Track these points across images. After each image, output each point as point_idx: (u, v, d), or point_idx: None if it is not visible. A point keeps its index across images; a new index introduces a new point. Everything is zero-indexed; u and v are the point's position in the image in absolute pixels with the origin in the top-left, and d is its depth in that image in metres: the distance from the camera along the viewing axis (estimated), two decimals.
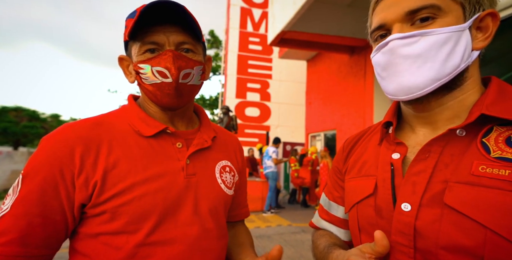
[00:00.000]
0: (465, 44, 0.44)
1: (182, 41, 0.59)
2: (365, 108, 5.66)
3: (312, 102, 7.63)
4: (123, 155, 0.56)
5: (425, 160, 0.46)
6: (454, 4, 0.44)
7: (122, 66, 0.65)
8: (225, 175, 0.69)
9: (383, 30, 0.49)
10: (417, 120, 0.52)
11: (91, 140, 0.55)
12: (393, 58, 0.46)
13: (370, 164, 0.55)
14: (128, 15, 0.60)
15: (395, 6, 0.46)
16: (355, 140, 0.64)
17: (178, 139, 0.63)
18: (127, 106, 0.65)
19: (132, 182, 0.55)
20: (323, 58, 7.09)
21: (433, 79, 0.44)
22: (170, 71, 0.57)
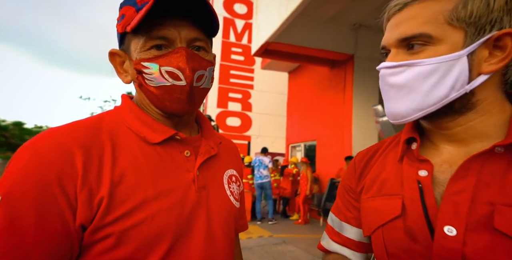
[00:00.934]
0: (457, 73, 0.41)
1: (194, 37, 0.51)
2: (344, 120, 5.80)
3: (293, 113, 7.72)
4: (129, 166, 0.47)
5: (464, 179, 0.42)
6: (453, 30, 0.41)
7: (114, 63, 0.55)
8: (233, 185, 0.63)
9: (386, 51, 0.49)
10: (440, 137, 0.49)
11: (91, 146, 0.45)
12: (383, 85, 0.47)
13: (392, 182, 0.50)
14: (123, 1, 0.52)
15: (393, 30, 0.46)
16: (368, 157, 0.60)
17: (186, 147, 0.55)
18: (123, 107, 0.55)
19: (142, 199, 0.46)
20: (305, 70, 7.26)
21: (415, 109, 0.44)
22: (184, 73, 0.49)
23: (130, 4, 0.50)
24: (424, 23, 0.42)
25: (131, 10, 0.50)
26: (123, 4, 0.52)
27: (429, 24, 0.42)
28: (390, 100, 0.47)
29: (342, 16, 5.42)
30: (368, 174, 0.57)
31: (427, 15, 0.42)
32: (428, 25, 0.42)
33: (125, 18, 0.50)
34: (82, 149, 0.44)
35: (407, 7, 0.44)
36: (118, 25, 0.52)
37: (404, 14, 0.44)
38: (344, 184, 0.62)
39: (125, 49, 0.53)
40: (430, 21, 0.42)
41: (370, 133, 5.75)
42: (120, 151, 0.48)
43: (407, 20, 0.44)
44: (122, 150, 0.48)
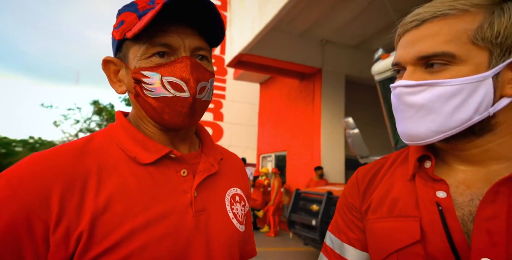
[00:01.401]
0: (482, 95, 0.39)
1: (198, 46, 0.48)
2: (313, 131, 5.98)
3: (264, 124, 7.80)
4: (117, 191, 0.43)
5: (494, 203, 0.39)
6: (477, 50, 0.39)
7: (107, 71, 0.51)
8: (236, 206, 0.57)
9: (399, 67, 0.46)
10: (454, 157, 0.46)
11: (74, 175, 0.42)
12: (399, 104, 0.44)
13: (405, 203, 0.46)
14: (123, 7, 0.48)
15: (410, 47, 0.43)
16: (372, 173, 0.56)
17: (182, 165, 0.51)
18: (117, 125, 0.51)
19: (130, 229, 0.42)
20: (275, 82, 7.43)
21: (435, 131, 0.41)
22: (188, 84, 0.46)
23: (130, 10, 0.47)
24: (446, 42, 0.39)
25: (132, 16, 0.46)
26: (122, 10, 0.48)
27: (452, 43, 0.39)
28: (407, 120, 0.43)
29: (311, 32, 5.70)
30: (374, 192, 0.53)
31: (450, 33, 0.40)
32: (451, 44, 0.39)
33: (124, 24, 0.47)
34: (62, 179, 0.41)
35: (425, 24, 0.42)
36: (116, 31, 0.48)
37: (423, 30, 0.42)
38: (345, 201, 0.57)
39: (122, 57, 0.49)
40: (453, 40, 0.39)
41: (338, 144, 5.99)
42: (108, 175, 0.44)
43: (427, 37, 0.41)
44: (110, 174, 0.44)
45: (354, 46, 6.27)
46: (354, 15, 5.05)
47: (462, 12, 0.40)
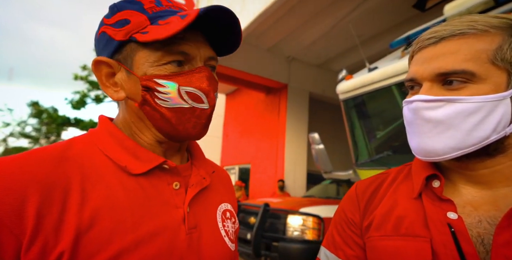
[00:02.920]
0: (500, 115, 0.40)
1: (211, 56, 0.47)
2: (278, 145, 6.04)
3: (229, 135, 7.69)
4: (104, 204, 0.39)
5: (509, 228, 0.39)
6: (496, 69, 0.40)
7: (98, 74, 0.46)
8: (227, 223, 0.53)
9: (414, 83, 0.45)
10: (460, 177, 0.46)
11: (52, 183, 0.37)
12: (415, 118, 0.44)
13: (412, 222, 0.45)
14: (122, 3, 0.44)
15: (427, 63, 0.43)
16: (373, 189, 0.54)
17: (174, 178, 0.47)
18: (101, 131, 0.46)
19: (119, 249, 0.37)
20: (242, 94, 7.44)
21: (453, 148, 0.41)
22: (208, 95, 0.45)
23: (135, 9, 0.43)
24: (466, 60, 0.40)
25: (140, 17, 0.43)
26: (123, 7, 0.44)
27: (471, 62, 0.40)
28: (423, 135, 0.43)
29: (279, 48, 5.88)
30: (376, 209, 0.51)
31: (470, 52, 0.40)
32: (470, 63, 0.40)
33: (130, 24, 0.42)
34: (39, 187, 0.36)
35: (444, 41, 0.42)
36: (115, 30, 0.43)
37: (441, 48, 0.42)
38: (344, 216, 0.55)
39: (122, 59, 0.44)
40: (473, 58, 0.40)
41: (301, 158, 6.11)
42: (93, 186, 0.39)
43: (446, 55, 0.41)
44: (95, 184, 0.40)
45: (318, 65, 6.60)
46: (319, 36, 5.34)
47: (482, 32, 0.41)
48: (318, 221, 2.89)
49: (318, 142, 2.77)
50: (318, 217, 2.90)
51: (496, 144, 0.42)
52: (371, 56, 4.05)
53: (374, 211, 0.52)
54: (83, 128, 14.33)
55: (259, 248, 2.91)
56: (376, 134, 2.56)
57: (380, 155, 2.42)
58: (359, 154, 2.70)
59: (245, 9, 4.31)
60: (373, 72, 2.36)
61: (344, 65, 6.06)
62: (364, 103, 2.58)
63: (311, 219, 2.88)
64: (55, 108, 15.91)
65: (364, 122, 2.64)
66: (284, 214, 3.01)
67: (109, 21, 0.44)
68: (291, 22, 4.98)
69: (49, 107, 15.91)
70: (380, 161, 2.43)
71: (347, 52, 5.87)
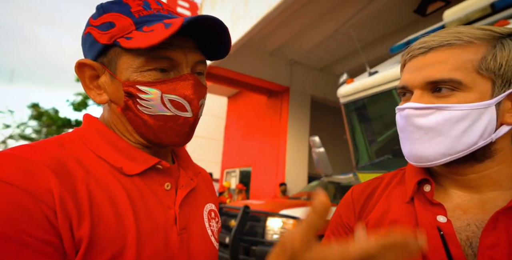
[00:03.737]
0: (486, 121, 0.42)
1: (198, 60, 0.46)
2: (279, 148, 6.04)
3: (230, 138, 7.71)
4: (108, 202, 0.39)
5: (494, 231, 0.40)
6: (481, 78, 0.42)
7: (82, 76, 0.45)
8: (212, 223, 0.54)
9: (405, 90, 0.48)
10: (450, 181, 0.48)
11: (62, 174, 0.37)
12: (407, 125, 0.46)
13: (403, 225, 0.47)
14: (109, 4, 0.43)
15: (418, 72, 0.45)
16: (367, 193, 0.56)
17: (166, 178, 0.47)
18: (89, 131, 0.45)
19: (122, 245, 0.38)
20: (244, 97, 7.47)
21: (443, 154, 0.43)
22: (191, 104, 0.44)
23: (121, 12, 0.42)
24: (453, 69, 0.42)
25: (126, 21, 0.42)
26: (110, 8, 0.43)
27: (458, 71, 0.42)
28: (415, 142, 0.45)
29: (281, 52, 5.92)
30: (371, 213, 0.53)
31: (456, 62, 0.42)
32: (457, 72, 0.42)
33: (115, 28, 0.42)
34: (54, 174, 0.36)
35: (432, 51, 0.44)
36: (99, 33, 0.42)
37: (430, 57, 0.44)
38: (340, 220, 0.57)
39: (106, 62, 0.44)
40: (460, 68, 0.42)
41: (302, 162, 6.11)
42: (97, 183, 0.39)
43: (434, 64, 0.43)
44: (99, 182, 0.40)
45: (320, 69, 6.63)
46: (321, 40, 5.37)
47: (467, 43, 0.43)
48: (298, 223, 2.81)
49: (319, 146, 2.78)
50: (297, 219, 2.81)
51: (483, 149, 0.44)
52: (372, 60, 4.08)
53: (368, 215, 0.53)
54: None
55: (237, 253, 2.81)
56: (377, 137, 2.57)
57: (381, 159, 2.43)
58: (359, 158, 2.71)
59: (248, 13, 4.36)
60: (374, 76, 2.38)
61: (345, 69, 6.09)
62: (364, 107, 2.60)
63: (291, 221, 2.79)
64: (56, 110, 15.96)
65: (365, 126, 2.65)
66: (264, 216, 2.92)
67: (95, 23, 0.43)
68: (293, 26, 5.02)
69: (50, 108, 15.96)
70: (381, 165, 2.44)
71: (349, 56, 5.90)
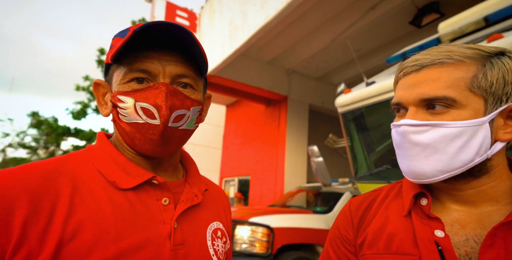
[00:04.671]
0: (481, 138, 0.42)
1: (181, 73, 0.47)
2: (278, 156, 6.02)
3: (229, 147, 7.68)
4: (89, 217, 0.40)
5: (492, 247, 0.41)
6: (474, 96, 0.42)
7: (97, 94, 0.51)
8: (217, 242, 0.53)
9: (400, 107, 0.48)
10: (448, 196, 0.48)
11: (42, 196, 0.39)
12: (403, 142, 0.46)
13: (402, 239, 0.47)
14: (117, 33, 0.50)
15: (412, 89, 0.45)
16: (365, 206, 0.56)
17: (164, 193, 0.48)
18: (97, 146, 0.49)
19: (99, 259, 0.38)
20: (242, 106, 7.49)
21: (441, 170, 0.43)
22: (159, 111, 0.45)
23: (121, 35, 0.47)
24: (446, 87, 0.43)
25: (120, 41, 0.46)
26: (116, 35, 0.49)
27: (451, 89, 0.42)
28: (412, 158, 0.45)
29: (278, 61, 5.98)
30: (369, 226, 0.53)
31: (449, 80, 0.43)
32: (450, 89, 0.42)
33: (112, 49, 0.47)
34: (30, 198, 0.38)
35: (425, 69, 0.45)
36: (107, 56, 0.49)
37: (423, 75, 0.45)
38: (338, 233, 0.57)
39: (109, 80, 0.50)
40: (452, 86, 0.43)
41: (300, 171, 6.08)
42: (81, 199, 0.41)
43: (428, 82, 0.44)
44: (83, 198, 0.41)
45: (317, 78, 6.69)
46: (318, 50, 5.44)
47: (458, 61, 0.44)
48: (268, 231, 2.69)
49: (317, 155, 2.77)
50: (268, 227, 2.71)
51: (479, 166, 0.44)
52: (369, 70, 4.13)
53: (366, 228, 0.53)
54: (83, 138, 14.31)
55: None
56: (375, 147, 2.57)
57: (380, 169, 2.42)
58: (358, 168, 2.70)
59: (246, 23, 4.42)
60: (371, 86, 2.40)
61: (343, 78, 6.15)
62: (362, 117, 2.61)
63: (260, 229, 2.69)
64: (56, 118, 15.97)
65: (363, 135, 2.65)
66: (233, 224, 2.83)
67: (109, 49, 0.49)
68: (290, 37, 5.09)
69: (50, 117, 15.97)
70: (380, 175, 2.43)
71: (346, 66, 5.97)
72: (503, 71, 0.43)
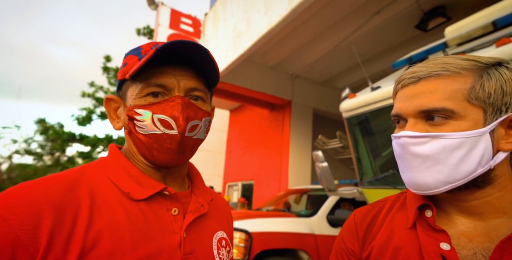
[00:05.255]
0: (482, 149, 0.42)
1: (193, 87, 0.51)
2: (281, 161, 6.00)
3: (232, 151, 7.68)
4: (107, 227, 0.43)
5: None
6: (472, 107, 0.43)
7: (108, 108, 0.54)
8: (222, 251, 0.55)
9: (399, 118, 0.48)
10: (453, 208, 0.48)
11: (66, 206, 0.41)
12: (404, 153, 0.46)
13: (407, 253, 0.47)
14: (129, 51, 0.53)
15: (410, 100, 0.45)
16: (370, 217, 0.56)
17: (174, 204, 0.50)
18: (110, 158, 0.51)
19: None
20: (246, 110, 7.51)
21: (443, 182, 0.43)
22: (177, 121, 0.48)
23: (134, 53, 0.51)
24: (444, 99, 0.43)
25: (134, 59, 0.50)
26: (128, 53, 0.52)
27: (449, 100, 0.43)
28: (414, 169, 0.45)
29: (282, 66, 6.00)
30: (374, 239, 0.52)
31: (446, 91, 0.43)
32: (448, 101, 0.43)
33: (127, 66, 0.50)
34: (55, 209, 0.40)
35: (422, 81, 0.45)
36: (119, 72, 0.51)
37: (420, 87, 0.45)
38: (343, 246, 0.56)
39: (122, 95, 0.53)
40: (450, 97, 0.43)
41: (304, 175, 6.04)
42: (99, 210, 0.43)
43: (425, 93, 0.44)
44: (101, 209, 0.44)
45: (321, 83, 6.69)
46: (322, 55, 5.46)
47: (455, 73, 0.44)
48: (246, 236, 2.61)
49: (322, 160, 2.75)
50: (246, 232, 2.63)
51: (483, 176, 0.44)
52: (374, 74, 4.12)
53: (372, 241, 0.52)
54: (87, 144, 14.42)
55: None
56: (381, 152, 2.54)
57: (385, 174, 2.39)
58: (363, 173, 2.67)
59: (249, 29, 4.46)
60: (376, 91, 2.39)
61: (347, 82, 6.14)
62: (367, 122, 2.59)
63: (238, 234, 2.63)
64: (61, 124, 16.17)
65: (368, 140, 2.63)
66: None
67: (120, 67, 0.53)
68: (294, 42, 5.12)
69: (56, 123, 16.17)
70: (385, 180, 2.40)
71: (350, 70, 5.97)
72: (501, 82, 0.43)
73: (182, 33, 6.26)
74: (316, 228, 3.03)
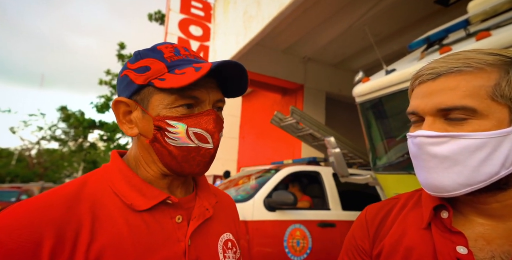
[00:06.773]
0: (507, 150, 0.40)
1: (219, 98, 0.51)
2: (294, 146, 6.02)
3: (246, 136, 7.76)
4: (109, 243, 0.42)
5: None
6: (497, 105, 0.40)
7: (116, 112, 0.51)
8: (228, 253, 0.55)
9: (417, 117, 0.46)
10: (472, 209, 0.46)
11: (66, 225, 0.40)
12: (420, 153, 0.44)
13: (420, 254, 0.45)
14: (145, 51, 0.50)
15: (428, 98, 0.43)
16: (382, 214, 0.54)
17: (177, 211, 0.50)
18: (112, 167, 0.50)
19: None
20: (258, 95, 7.47)
21: (462, 184, 0.41)
22: (213, 136, 0.49)
23: (156, 57, 0.48)
24: (465, 96, 0.40)
25: (159, 65, 0.48)
26: (145, 55, 0.49)
27: (470, 98, 0.40)
28: (431, 170, 0.43)
29: (294, 49, 5.85)
30: (386, 237, 0.51)
31: (468, 89, 0.40)
32: (470, 99, 0.40)
33: (150, 71, 0.48)
34: (55, 228, 0.39)
35: (441, 77, 0.42)
36: (135, 75, 0.48)
37: (439, 83, 0.42)
38: (354, 243, 0.55)
39: (139, 100, 0.49)
40: (472, 94, 0.40)
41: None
42: (101, 226, 0.43)
43: (445, 91, 0.42)
44: (103, 224, 0.43)
45: (334, 65, 6.49)
46: (335, 36, 5.26)
47: (478, 69, 0.41)
48: None
49: (334, 146, 2.74)
50: None
51: (506, 178, 0.41)
52: (389, 55, 3.94)
53: (383, 239, 0.51)
54: (107, 130, 14.92)
55: None
56: (395, 137, 2.50)
57: (399, 160, 2.36)
58: (377, 158, 2.65)
59: (260, 13, 4.33)
60: (391, 74, 2.31)
61: (360, 64, 5.93)
62: (382, 106, 2.53)
63: None
64: (82, 112, 16.76)
65: (382, 125, 2.58)
66: None
67: (132, 66, 0.49)
68: (306, 24, 4.94)
69: (77, 110, 16.77)
70: (399, 165, 2.38)
71: (364, 51, 5.74)
72: None
73: (193, 18, 6.17)
74: (249, 214, 2.69)
